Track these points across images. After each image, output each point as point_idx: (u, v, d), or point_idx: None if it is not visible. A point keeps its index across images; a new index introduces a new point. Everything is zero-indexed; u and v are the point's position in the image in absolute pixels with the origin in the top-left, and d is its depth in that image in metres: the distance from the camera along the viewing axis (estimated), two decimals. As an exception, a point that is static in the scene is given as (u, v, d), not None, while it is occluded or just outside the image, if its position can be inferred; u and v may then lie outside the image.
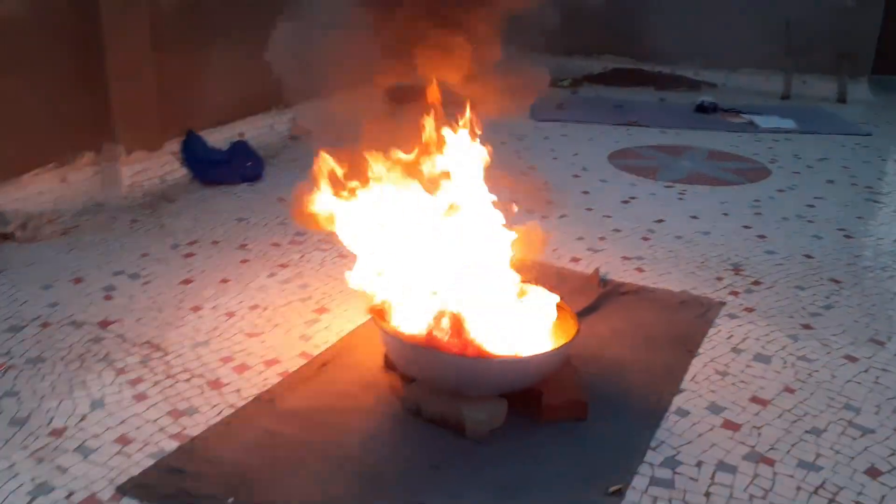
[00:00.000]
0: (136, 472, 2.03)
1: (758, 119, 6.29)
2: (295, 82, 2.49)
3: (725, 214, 4.12)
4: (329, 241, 3.32)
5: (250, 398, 2.38)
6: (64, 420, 2.23)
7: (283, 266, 3.31)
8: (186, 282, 3.14)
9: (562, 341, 2.34)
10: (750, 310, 3.05)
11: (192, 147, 4.58)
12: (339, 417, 2.29)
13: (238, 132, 5.05)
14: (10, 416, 2.25)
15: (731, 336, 2.84)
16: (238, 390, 2.42)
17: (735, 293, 3.19)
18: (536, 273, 3.10)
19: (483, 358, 2.22)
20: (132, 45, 4.07)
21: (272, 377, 2.49)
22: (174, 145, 4.55)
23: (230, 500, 1.93)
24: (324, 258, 3.38)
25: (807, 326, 2.93)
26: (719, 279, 3.32)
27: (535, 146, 5.37)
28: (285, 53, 2.42)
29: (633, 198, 4.36)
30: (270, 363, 2.58)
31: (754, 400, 2.45)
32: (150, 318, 2.84)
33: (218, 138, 4.86)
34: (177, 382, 2.45)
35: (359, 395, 2.40)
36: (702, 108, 6.59)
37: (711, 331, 2.87)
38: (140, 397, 2.36)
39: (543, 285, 2.53)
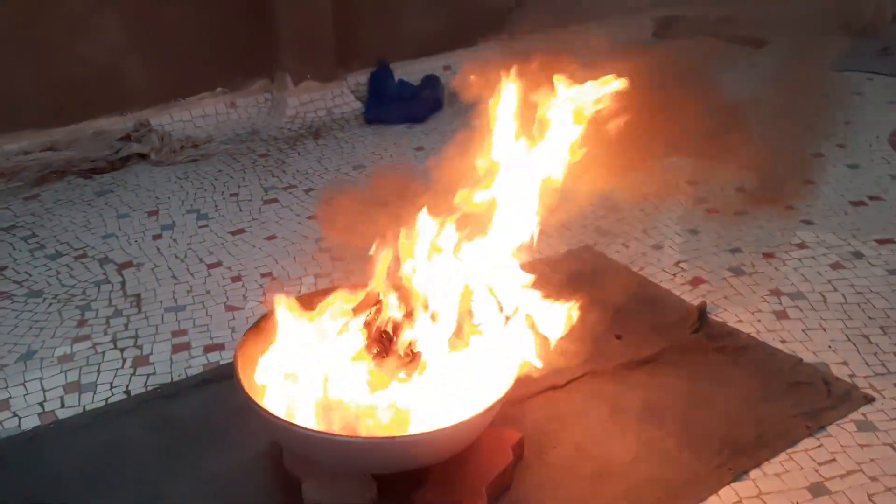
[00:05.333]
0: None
1: None
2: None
3: None
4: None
5: (151, 388, 2.10)
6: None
7: (342, 231, 2.91)
8: (237, 232, 2.92)
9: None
10: (911, 420, 1.89)
11: (377, 80, 4.31)
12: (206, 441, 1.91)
13: (443, 65, 4.64)
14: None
15: (831, 460, 1.78)
16: (150, 374, 2.15)
17: (909, 385, 2.01)
18: (619, 291, 2.38)
19: (324, 434, 1.63)
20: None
21: (196, 367, 2.18)
22: (360, 76, 4.33)
23: None
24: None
25: None
26: (901, 355, 2.12)
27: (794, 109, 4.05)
28: None
29: (875, 198, 3.03)
30: (213, 348, 2.25)
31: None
32: (165, 269, 2.69)
33: (417, 71, 4.52)
34: (111, 349, 2.26)
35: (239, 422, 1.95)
36: None
37: (804, 444, 1.83)
38: (65, 359, 2.22)
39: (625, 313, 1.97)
